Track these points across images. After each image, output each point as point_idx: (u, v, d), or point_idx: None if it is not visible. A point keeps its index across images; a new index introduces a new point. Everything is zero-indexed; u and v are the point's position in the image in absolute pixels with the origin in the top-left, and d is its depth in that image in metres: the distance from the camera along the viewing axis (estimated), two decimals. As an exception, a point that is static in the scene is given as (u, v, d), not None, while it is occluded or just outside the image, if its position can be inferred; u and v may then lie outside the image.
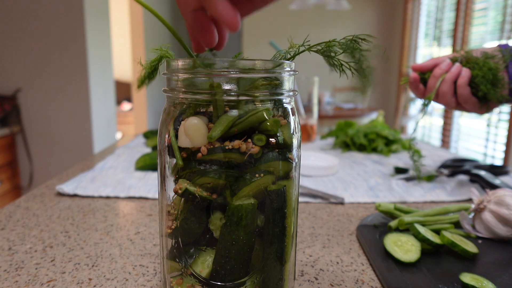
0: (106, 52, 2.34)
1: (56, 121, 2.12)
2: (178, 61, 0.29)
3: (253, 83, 0.29)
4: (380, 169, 0.87)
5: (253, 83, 0.29)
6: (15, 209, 0.58)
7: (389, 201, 0.65)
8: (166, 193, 0.32)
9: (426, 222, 0.49)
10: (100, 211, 0.59)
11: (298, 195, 0.33)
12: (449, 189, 0.72)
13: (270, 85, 0.29)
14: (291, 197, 0.31)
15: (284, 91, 0.30)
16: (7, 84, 2.06)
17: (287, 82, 0.30)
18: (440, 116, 3.23)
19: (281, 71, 0.29)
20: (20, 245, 0.47)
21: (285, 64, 0.30)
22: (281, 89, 0.30)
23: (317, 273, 0.41)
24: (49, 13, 2.00)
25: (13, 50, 2.03)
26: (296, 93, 0.31)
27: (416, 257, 0.41)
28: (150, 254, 0.45)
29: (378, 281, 0.40)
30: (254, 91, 0.29)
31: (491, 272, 0.40)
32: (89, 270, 0.41)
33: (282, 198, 0.30)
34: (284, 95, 0.30)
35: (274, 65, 0.29)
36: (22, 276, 0.39)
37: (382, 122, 1.15)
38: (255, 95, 0.29)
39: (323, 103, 3.12)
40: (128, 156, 0.93)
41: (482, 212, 0.49)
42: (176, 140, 0.29)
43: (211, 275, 0.30)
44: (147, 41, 3.35)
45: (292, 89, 0.31)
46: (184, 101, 0.30)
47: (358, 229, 0.51)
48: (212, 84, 0.28)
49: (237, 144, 0.28)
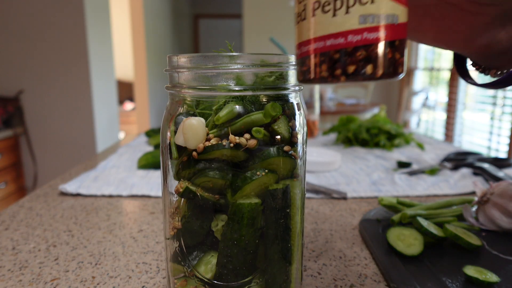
0: (107, 52, 2.34)
1: (59, 122, 2.13)
2: (180, 57, 0.29)
3: (258, 78, 0.28)
4: (383, 163, 0.87)
5: (258, 77, 0.28)
6: (18, 209, 0.59)
7: (392, 195, 0.65)
8: (168, 191, 0.31)
9: (429, 215, 0.49)
10: (103, 210, 0.59)
11: (304, 194, 0.32)
12: (452, 182, 0.71)
13: (276, 79, 0.29)
14: (295, 197, 0.30)
15: (290, 86, 0.30)
16: (10, 85, 2.07)
17: (292, 77, 0.30)
18: (443, 110, 3.22)
19: (287, 65, 0.29)
20: (24, 244, 0.47)
21: (290, 58, 0.29)
22: (287, 84, 0.30)
23: (320, 268, 0.41)
24: (50, 15, 2.00)
25: (15, 52, 2.03)
26: (301, 88, 0.31)
27: (419, 250, 0.41)
28: (153, 251, 0.45)
29: (381, 275, 0.40)
30: (259, 85, 0.28)
31: (494, 265, 0.40)
32: (92, 268, 0.41)
33: (285, 198, 0.29)
34: (290, 89, 0.30)
35: (280, 60, 0.29)
36: (26, 275, 0.40)
37: (384, 117, 1.15)
38: (260, 89, 0.28)
39: (325, 99, 3.11)
40: (131, 155, 0.94)
41: (486, 204, 0.49)
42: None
43: (215, 275, 0.30)
44: (148, 41, 3.35)
45: (297, 83, 0.30)
46: (187, 97, 0.29)
47: (361, 223, 0.51)
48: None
49: (233, 139, 0.28)
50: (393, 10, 0.22)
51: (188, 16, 5.34)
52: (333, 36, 0.21)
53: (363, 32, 0.21)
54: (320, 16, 0.22)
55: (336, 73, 0.22)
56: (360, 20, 0.21)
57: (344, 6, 0.21)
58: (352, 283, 0.38)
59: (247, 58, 0.28)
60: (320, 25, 0.22)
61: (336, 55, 0.22)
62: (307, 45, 0.23)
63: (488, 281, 0.35)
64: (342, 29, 0.21)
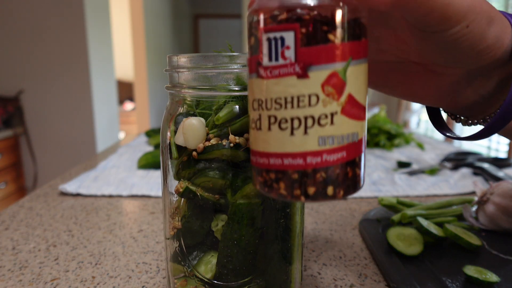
0: (107, 52, 2.34)
1: (59, 122, 2.13)
2: (180, 57, 0.29)
3: None
4: (383, 163, 0.87)
5: None
6: (18, 209, 0.59)
7: (392, 195, 0.65)
8: (168, 191, 0.31)
9: (429, 215, 0.49)
10: (103, 210, 0.59)
11: None
12: (452, 182, 0.71)
13: None
14: None
15: None
16: (10, 85, 2.07)
17: None
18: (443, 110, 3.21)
19: None
20: (24, 244, 0.47)
21: None
22: None
23: (320, 268, 0.41)
24: (51, 15, 2.00)
25: (15, 52, 2.03)
26: None
27: (419, 250, 0.41)
28: (153, 251, 0.45)
29: (381, 275, 0.40)
30: None
31: (494, 264, 0.40)
32: (92, 268, 0.41)
33: None
34: None
35: None
36: (26, 275, 0.40)
37: (384, 117, 1.15)
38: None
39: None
40: (131, 155, 0.94)
41: (485, 204, 0.49)
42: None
43: (215, 275, 0.30)
44: (148, 41, 3.35)
45: None
46: (187, 97, 0.29)
47: (361, 223, 0.51)
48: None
49: (233, 139, 0.28)
50: (353, 128, 0.20)
51: (188, 16, 5.34)
52: (291, 155, 0.20)
53: (322, 154, 0.20)
54: (277, 132, 0.20)
55: (296, 193, 0.21)
56: (319, 141, 0.20)
57: (302, 126, 0.20)
58: (352, 283, 0.38)
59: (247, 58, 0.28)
60: (276, 142, 0.20)
61: (294, 175, 0.20)
62: (263, 157, 0.21)
63: (488, 281, 0.35)
64: (301, 150, 0.20)
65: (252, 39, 0.21)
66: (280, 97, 0.20)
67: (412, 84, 0.31)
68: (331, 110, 0.20)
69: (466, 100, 0.30)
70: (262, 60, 0.20)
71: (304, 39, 0.19)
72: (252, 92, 0.21)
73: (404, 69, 0.31)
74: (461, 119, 0.32)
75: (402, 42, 0.28)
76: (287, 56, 0.19)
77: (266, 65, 0.20)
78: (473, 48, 0.24)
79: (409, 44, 0.27)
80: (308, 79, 0.19)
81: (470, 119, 0.31)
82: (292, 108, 0.20)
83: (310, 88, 0.19)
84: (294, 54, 0.19)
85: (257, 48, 0.20)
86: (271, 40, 0.20)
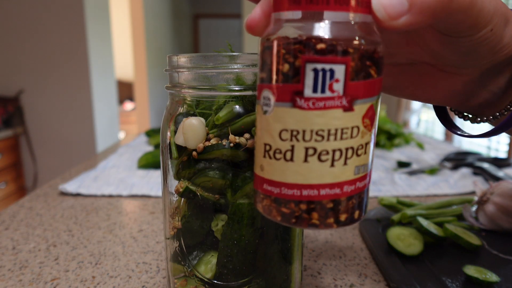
0: (107, 52, 2.34)
1: (59, 122, 2.13)
2: (180, 57, 0.29)
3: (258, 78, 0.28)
4: (383, 163, 0.87)
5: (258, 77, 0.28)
6: (18, 209, 0.59)
7: (392, 195, 0.65)
8: (168, 191, 0.31)
9: (429, 215, 0.49)
10: (103, 210, 0.59)
11: None
12: (452, 182, 0.71)
13: None
14: None
15: None
16: (10, 85, 2.07)
17: None
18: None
19: None
20: (24, 244, 0.47)
21: None
22: None
23: (320, 268, 0.41)
24: (51, 15, 2.00)
25: (15, 52, 2.03)
26: None
27: (419, 250, 0.41)
28: (153, 251, 0.45)
29: (381, 275, 0.40)
30: None
31: (494, 264, 0.40)
32: (92, 268, 0.41)
33: None
34: None
35: None
36: (26, 275, 0.40)
37: (384, 117, 1.15)
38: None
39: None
40: (131, 155, 0.94)
41: (485, 204, 0.49)
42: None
43: (215, 275, 0.30)
44: (148, 41, 3.35)
45: None
46: (187, 97, 0.29)
47: (361, 223, 0.51)
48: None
49: (233, 139, 0.28)
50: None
51: (188, 16, 5.34)
52: (328, 186, 0.20)
53: (356, 182, 0.21)
54: (315, 164, 0.20)
55: (328, 221, 0.21)
56: (355, 170, 0.21)
57: (343, 157, 0.20)
58: (352, 283, 0.38)
59: (247, 58, 0.28)
60: (314, 173, 0.20)
61: (329, 204, 0.21)
62: (293, 188, 0.21)
63: (488, 281, 0.35)
64: (339, 180, 0.20)
65: (285, 66, 0.20)
66: (322, 129, 0.20)
67: (423, 84, 0.31)
68: (366, 141, 0.21)
69: (477, 98, 0.30)
70: (303, 91, 0.20)
71: (353, 73, 0.19)
72: (282, 121, 0.21)
73: (415, 70, 0.30)
74: (469, 117, 0.32)
75: (414, 45, 0.28)
76: (335, 89, 0.19)
77: (309, 96, 0.19)
78: (492, 49, 0.24)
79: (424, 47, 0.27)
80: (353, 112, 0.20)
81: (479, 116, 0.31)
82: (335, 140, 0.20)
83: (354, 121, 0.20)
84: (343, 87, 0.19)
85: (294, 77, 0.20)
86: (318, 71, 0.19)
